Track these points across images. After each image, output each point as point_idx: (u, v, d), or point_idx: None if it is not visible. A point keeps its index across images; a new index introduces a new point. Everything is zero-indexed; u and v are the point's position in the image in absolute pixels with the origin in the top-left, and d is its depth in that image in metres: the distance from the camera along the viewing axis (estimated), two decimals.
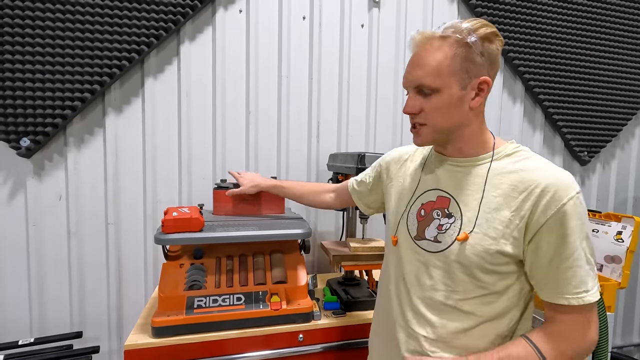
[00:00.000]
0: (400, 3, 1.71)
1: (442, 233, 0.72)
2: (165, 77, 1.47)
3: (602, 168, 2.11)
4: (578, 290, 0.63)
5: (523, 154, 0.72)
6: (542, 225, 0.64)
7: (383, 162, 0.96)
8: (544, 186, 0.64)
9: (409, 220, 0.79)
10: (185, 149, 1.50)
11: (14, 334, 1.35)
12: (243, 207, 1.28)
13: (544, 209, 0.63)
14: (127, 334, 1.43)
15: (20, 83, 1.27)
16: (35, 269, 1.38)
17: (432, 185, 0.77)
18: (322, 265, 1.68)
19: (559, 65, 1.89)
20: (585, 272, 0.64)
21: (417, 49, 0.71)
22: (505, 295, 0.69)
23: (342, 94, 1.67)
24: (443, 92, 0.68)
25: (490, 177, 0.70)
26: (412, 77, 0.71)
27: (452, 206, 0.72)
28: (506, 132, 1.89)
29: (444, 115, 0.70)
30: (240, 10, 1.53)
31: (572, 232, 0.63)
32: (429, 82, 0.68)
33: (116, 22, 1.34)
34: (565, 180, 0.64)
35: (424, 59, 0.69)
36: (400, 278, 0.78)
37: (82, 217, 1.41)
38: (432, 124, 0.71)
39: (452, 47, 0.67)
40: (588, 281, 0.64)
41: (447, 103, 0.69)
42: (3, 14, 1.24)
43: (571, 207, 0.63)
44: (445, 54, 0.67)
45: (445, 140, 0.74)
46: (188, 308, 1.00)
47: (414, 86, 0.71)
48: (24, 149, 1.30)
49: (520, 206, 0.65)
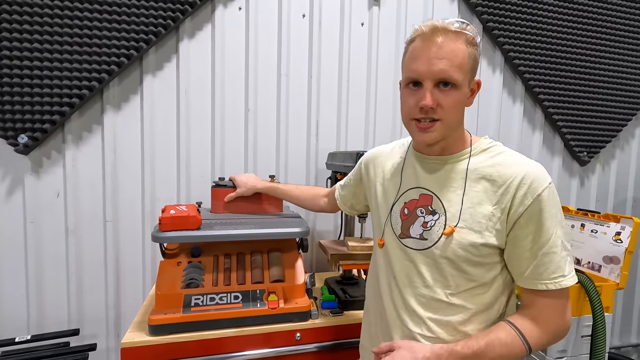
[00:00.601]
0: (400, 1, 1.70)
1: (428, 230, 0.73)
2: (164, 74, 1.47)
3: (601, 168, 2.10)
4: (555, 275, 0.66)
5: (497, 148, 0.74)
6: (521, 215, 0.66)
7: (362, 164, 0.96)
8: (520, 178, 0.66)
9: (393, 219, 0.80)
10: (183, 147, 1.49)
11: (11, 331, 1.35)
12: (241, 205, 1.28)
13: (521, 199, 0.66)
14: (124, 331, 1.43)
15: (19, 79, 1.26)
16: (33, 266, 1.37)
17: (414, 184, 0.78)
18: (320, 264, 1.68)
19: (559, 65, 1.88)
20: (562, 258, 0.66)
21: (433, 39, 0.66)
22: (493, 285, 0.71)
23: (341, 92, 1.66)
24: (461, 88, 0.68)
25: (470, 172, 0.71)
26: (437, 69, 0.66)
27: (435, 203, 0.74)
28: (506, 132, 1.89)
29: (457, 112, 0.70)
30: (240, 7, 1.52)
31: (548, 220, 0.65)
32: (456, 75, 0.66)
33: (115, 19, 1.33)
34: (539, 172, 0.68)
35: (447, 52, 0.66)
36: (391, 278, 0.79)
37: (80, 215, 1.41)
38: (447, 119, 0.69)
39: (467, 44, 0.68)
40: (565, 266, 0.66)
41: (462, 99, 0.69)
42: (2, 10, 1.24)
43: (546, 197, 0.65)
44: (464, 50, 0.67)
45: (444, 140, 0.73)
46: (185, 306, 1.00)
47: (438, 78, 0.66)
48: (22, 146, 1.29)
49: (500, 199, 0.68)
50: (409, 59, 0.70)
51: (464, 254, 0.69)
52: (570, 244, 0.70)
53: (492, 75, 1.85)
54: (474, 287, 0.70)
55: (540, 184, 0.66)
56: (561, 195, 2.03)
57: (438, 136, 0.71)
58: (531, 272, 0.67)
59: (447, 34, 0.66)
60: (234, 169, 1.55)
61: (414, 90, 0.70)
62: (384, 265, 0.81)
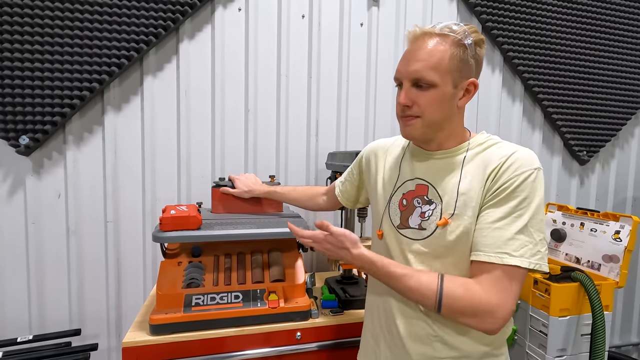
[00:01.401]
0: (399, 2, 1.71)
1: (426, 220, 0.75)
2: (165, 75, 1.47)
3: (601, 168, 2.10)
4: (500, 250, 0.64)
5: (493, 140, 0.76)
6: (495, 191, 0.67)
7: (364, 157, 0.98)
8: (506, 158, 0.68)
9: (392, 211, 0.82)
10: (184, 147, 1.50)
11: (13, 331, 1.36)
12: (241, 205, 1.28)
13: (501, 174, 0.67)
14: (125, 331, 1.43)
15: (20, 81, 1.27)
16: (35, 267, 1.38)
17: (412, 175, 0.80)
18: (320, 263, 1.69)
19: (558, 65, 1.89)
20: (515, 237, 0.64)
21: (416, 43, 0.72)
22: None
23: (341, 92, 1.67)
24: (439, 88, 0.70)
25: (466, 163, 0.73)
26: (411, 69, 0.70)
27: (430, 193, 0.76)
28: (505, 131, 1.89)
29: (438, 110, 0.72)
30: (240, 8, 1.53)
31: (517, 200, 0.66)
32: (428, 76, 0.69)
33: (115, 21, 1.34)
34: (527, 156, 0.69)
35: (424, 53, 0.70)
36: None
37: (81, 215, 1.42)
38: (426, 116, 0.72)
39: (451, 46, 0.69)
40: (516, 246, 0.64)
41: (441, 99, 0.71)
42: (2, 12, 1.24)
43: (525, 179, 0.66)
44: (444, 52, 0.69)
45: (431, 136, 0.76)
46: (186, 306, 1.01)
47: (412, 78, 0.71)
48: (23, 147, 1.30)
49: (484, 178, 0.69)
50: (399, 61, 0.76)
51: (461, 240, 0.70)
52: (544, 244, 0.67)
53: (491, 74, 1.85)
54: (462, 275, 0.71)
55: (524, 166, 0.67)
56: (561, 194, 2.05)
57: (417, 130, 0.74)
58: (478, 242, 0.67)
59: (430, 37, 0.70)
60: (234, 169, 1.56)
61: (399, 91, 0.75)
62: (387, 253, 0.82)
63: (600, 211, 1.36)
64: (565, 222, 1.46)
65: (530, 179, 0.66)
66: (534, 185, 0.66)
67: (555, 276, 1.23)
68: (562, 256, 1.44)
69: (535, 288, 1.24)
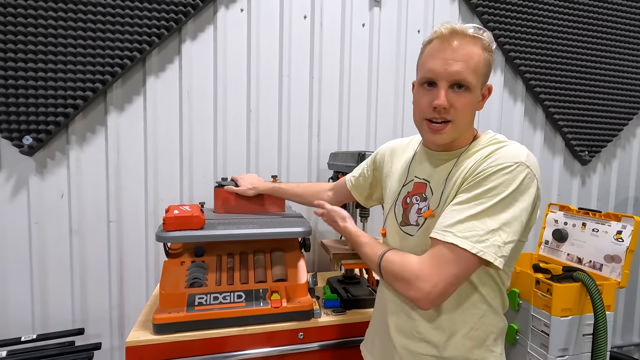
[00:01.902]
0: (401, 2, 1.71)
1: (420, 216, 0.77)
2: (167, 76, 1.48)
3: (602, 168, 2.10)
4: (446, 229, 0.64)
5: (496, 139, 0.74)
6: (472, 178, 0.67)
7: (379, 155, 0.98)
8: (490, 152, 0.68)
9: (396, 208, 0.84)
10: (186, 147, 1.50)
11: (17, 331, 1.36)
12: (244, 205, 1.29)
13: (479, 164, 0.68)
14: (128, 330, 1.44)
15: (23, 81, 1.28)
16: (38, 267, 1.39)
17: (416, 174, 0.82)
18: (322, 263, 1.69)
19: (560, 65, 1.89)
20: (466, 221, 0.63)
21: (451, 42, 0.68)
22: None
23: (342, 93, 1.67)
24: (474, 91, 0.70)
25: (461, 160, 0.73)
26: (453, 70, 0.67)
27: (427, 190, 0.77)
28: (507, 131, 1.89)
29: (469, 115, 0.72)
30: (242, 9, 1.53)
31: (485, 188, 0.64)
32: (470, 78, 0.67)
33: (118, 21, 1.34)
34: (512, 150, 0.67)
35: (464, 54, 0.67)
36: None
37: (84, 215, 1.42)
38: (458, 121, 0.70)
39: (483, 50, 0.69)
40: (463, 228, 0.63)
41: (474, 102, 0.71)
42: (6, 12, 1.25)
43: (501, 169, 0.64)
44: (479, 55, 0.69)
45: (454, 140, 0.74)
46: (189, 305, 1.01)
47: (454, 79, 0.68)
48: (27, 147, 1.30)
49: (467, 168, 0.70)
50: (426, 58, 0.72)
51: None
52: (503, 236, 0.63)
53: (492, 75, 1.84)
54: None
55: (504, 158, 0.65)
56: (562, 194, 2.05)
57: (448, 138, 0.72)
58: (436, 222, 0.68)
59: (465, 38, 0.68)
60: (236, 170, 1.56)
61: (428, 90, 0.71)
62: None
63: (602, 211, 1.36)
64: (567, 222, 1.46)
65: (506, 170, 0.64)
66: (510, 177, 0.63)
67: (557, 276, 1.23)
68: (564, 256, 1.44)
69: (537, 288, 1.24)
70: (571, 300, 1.18)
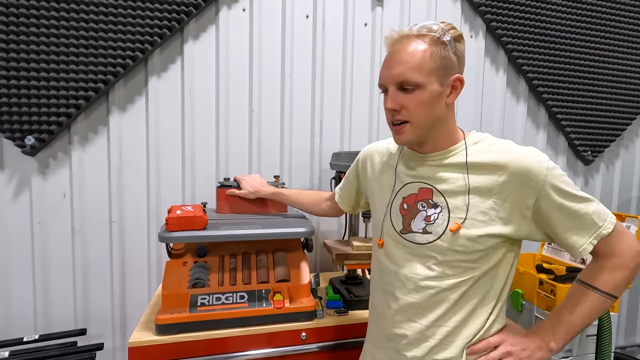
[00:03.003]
0: (403, 2, 1.70)
1: (431, 224, 0.74)
2: (169, 76, 1.48)
3: (605, 168, 2.10)
4: (603, 220, 0.70)
5: (489, 139, 0.76)
6: (536, 200, 0.69)
7: (360, 160, 0.98)
8: (519, 167, 0.69)
9: (393, 216, 0.81)
10: (188, 147, 1.50)
11: (19, 331, 1.36)
12: (246, 205, 1.28)
13: (529, 187, 0.69)
14: (130, 331, 1.44)
15: (26, 82, 1.28)
16: (40, 266, 1.39)
17: (411, 179, 0.79)
18: (324, 264, 1.69)
19: (563, 65, 1.88)
20: (593, 205, 0.71)
21: (395, 46, 0.72)
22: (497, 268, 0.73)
23: (345, 93, 1.67)
24: (425, 88, 0.70)
25: (469, 165, 0.73)
26: (394, 73, 0.70)
27: (435, 196, 0.75)
28: (509, 131, 1.89)
29: (426, 111, 0.72)
30: (244, 9, 1.53)
31: (564, 189, 0.69)
32: (413, 77, 0.69)
33: (120, 21, 1.34)
34: (535, 156, 0.70)
35: (405, 55, 0.70)
36: (394, 274, 0.79)
37: (86, 215, 1.42)
38: (415, 120, 0.72)
39: (430, 45, 0.70)
40: (600, 210, 0.71)
41: (429, 99, 0.71)
42: (9, 12, 1.25)
43: (550, 174, 0.68)
44: (424, 51, 0.69)
45: (425, 138, 0.75)
46: (191, 306, 1.01)
47: (397, 82, 0.71)
48: (29, 147, 1.30)
49: (502, 188, 0.70)
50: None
51: (470, 245, 0.70)
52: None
53: (495, 74, 1.85)
54: (477, 275, 0.72)
55: (540, 166, 0.68)
56: None
57: (410, 137, 0.74)
58: (582, 229, 0.70)
59: (409, 39, 0.71)
60: (239, 170, 1.56)
61: (385, 97, 0.75)
62: (385, 264, 0.81)
63: None
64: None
65: (551, 169, 0.69)
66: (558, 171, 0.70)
67: (561, 277, 1.23)
68: (568, 257, 1.44)
69: (540, 289, 1.24)
70: None
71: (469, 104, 1.81)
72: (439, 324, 0.73)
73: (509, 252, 0.74)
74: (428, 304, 0.74)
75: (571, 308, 0.73)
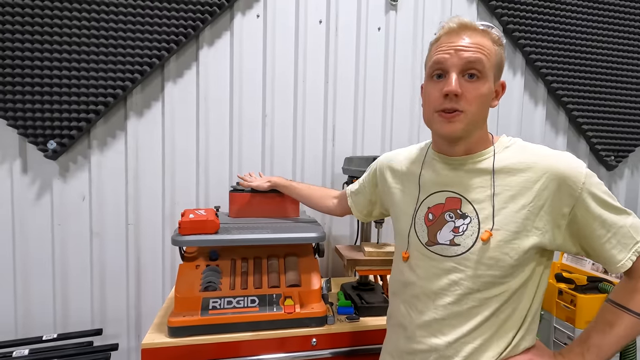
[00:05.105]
0: (417, 5, 1.69)
1: (460, 235, 0.69)
2: (185, 81, 1.51)
3: (630, 173, 2.02)
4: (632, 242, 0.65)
5: (520, 143, 0.73)
6: (572, 208, 0.65)
7: (377, 169, 0.93)
8: (556, 173, 0.65)
9: (417, 227, 0.76)
10: (202, 152, 1.53)
11: (39, 329, 1.41)
12: (258, 209, 1.29)
13: (566, 194, 0.64)
14: (144, 332, 1.46)
15: (48, 88, 1.33)
16: (60, 267, 1.43)
17: (437, 187, 0.75)
18: (336, 269, 1.68)
19: (583, 67, 1.82)
20: (631, 218, 0.67)
21: (460, 34, 0.66)
22: (527, 283, 0.69)
23: (357, 97, 1.66)
24: (487, 80, 0.67)
25: (497, 170, 0.69)
26: (466, 56, 0.65)
27: (464, 206, 0.70)
28: (527, 136, 1.84)
29: (481, 106, 0.68)
30: (258, 15, 1.55)
31: (602, 198, 0.65)
32: (482, 65, 0.65)
33: (138, 29, 1.38)
34: (572, 162, 0.66)
35: (474, 43, 0.66)
36: (418, 288, 0.75)
37: (104, 218, 1.46)
38: (471, 111, 0.67)
39: (493, 43, 0.68)
40: (638, 224, 0.67)
41: (487, 93, 0.68)
42: (34, 22, 1.30)
43: (588, 182, 0.64)
44: (490, 47, 0.67)
45: (468, 134, 0.70)
46: (203, 309, 1.02)
47: (467, 66, 0.65)
48: (51, 152, 1.35)
49: (537, 195, 0.65)
50: (434, 52, 0.69)
51: (502, 257, 0.66)
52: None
53: (512, 78, 1.81)
54: (501, 293, 0.68)
55: (578, 172, 0.64)
56: None
57: (462, 127, 0.67)
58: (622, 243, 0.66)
59: (475, 30, 0.67)
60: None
61: (437, 82, 0.69)
62: (409, 276, 0.77)
63: None
64: None
65: (589, 177, 0.65)
66: (596, 179, 0.66)
67: (582, 287, 1.18)
68: (589, 266, 1.38)
69: (559, 299, 1.20)
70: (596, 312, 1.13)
71: None
72: (464, 341, 0.69)
73: (539, 266, 0.69)
74: (453, 321, 0.69)
75: (602, 331, 0.67)
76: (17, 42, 1.29)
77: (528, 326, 0.71)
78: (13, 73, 1.30)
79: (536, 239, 0.65)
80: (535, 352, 0.72)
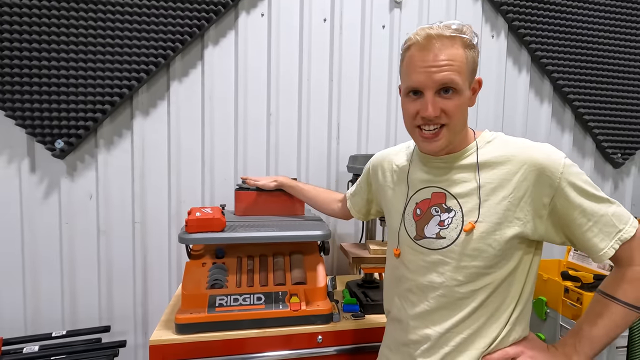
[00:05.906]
0: (422, 3, 1.69)
1: (445, 228, 0.72)
2: (190, 80, 1.51)
3: (637, 170, 2.00)
4: (625, 223, 0.66)
5: (502, 137, 0.74)
6: (552, 198, 0.66)
7: (370, 168, 0.96)
8: (534, 164, 0.67)
9: (407, 222, 0.79)
10: (208, 150, 1.53)
11: (48, 326, 1.43)
12: (264, 207, 1.30)
13: (545, 184, 0.66)
14: (152, 329, 1.47)
15: (56, 88, 1.34)
16: (68, 265, 1.45)
17: (424, 184, 0.78)
18: (341, 267, 1.68)
19: (589, 64, 1.81)
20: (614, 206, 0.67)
21: (431, 48, 0.66)
22: (514, 273, 0.70)
23: (362, 95, 1.66)
24: (462, 91, 0.68)
25: (481, 165, 0.71)
26: (439, 76, 0.65)
27: (449, 200, 0.73)
28: (532, 133, 1.83)
29: (461, 113, 0.70)
30: (262, 14, 1.55)
31: (582, 187, 0.66)
32: (456, 80, 0.66)
33: (144, 29, 1.39)
34: (551, 152, 0.68)
35: (445, 58, 0.66)
36: (409, 281, 0.78)
37: (111, 216, 1.47)
38: (452, 124, 0.69)
39: (465, 48, 0.68)
40: (621, 212, 0.67)
41: (465, 102, 0.70)
42: (40, 22, 1.31)
43: (567, 171, 0.66)
44: (462, 55, 0.67)
45: (450, 144, 0.73)
46: (210, 306, 1.03)
47: (440, 85, 0.66)
48: (59, 151, 1.37)
49: (517, 187, 0.67)
50: (407, 68, 0.70)
51: (485, 248, 0.68)
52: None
53: (518, 75, 1.80)
54: (488, 284, 0.70)
55: (557, 164, 0.66)
56: None
57: (445, 143, 0.71)
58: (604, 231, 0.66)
59: (442, 40, 0.66)
60: (256, 172, 1.58)
61: (414, 99, 0.70)
62: (401, 271, 0.80)
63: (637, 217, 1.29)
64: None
65: (568, 166, 0.66)
66: (575, 169, 0.67)
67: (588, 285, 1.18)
68: (595, 264, 1.38)
69: (566, 297, 1.19)
70: None
71: (489, 105, 1.77)
72: (455, 331, 0.71)
73: (526, 256, 0.71)
74: (444, 312, 0.72)
75: (592, 321, 0.69)
76: (25, 43, 1.31)
77: (517, 316, 0.72)
78: (21, 73, 1.31)
79: (517, 229, 0.67)
80: (526, 344, 0.73)
